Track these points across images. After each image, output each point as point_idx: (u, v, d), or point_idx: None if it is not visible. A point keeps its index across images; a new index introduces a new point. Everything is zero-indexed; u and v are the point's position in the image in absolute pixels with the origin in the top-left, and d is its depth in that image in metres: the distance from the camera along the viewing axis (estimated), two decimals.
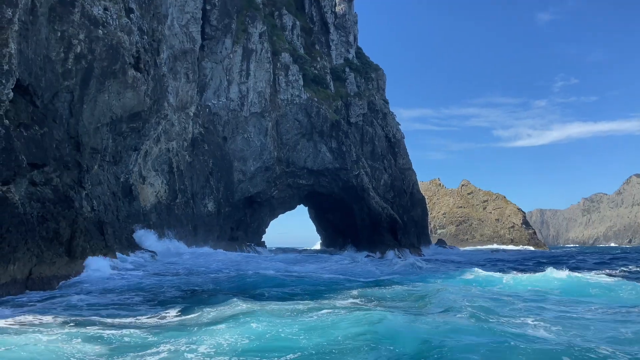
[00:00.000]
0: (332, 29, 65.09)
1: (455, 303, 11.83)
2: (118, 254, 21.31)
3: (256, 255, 33.11)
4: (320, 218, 70.78)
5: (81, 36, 20.50)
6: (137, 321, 10.70)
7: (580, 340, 8.52)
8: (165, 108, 32.32)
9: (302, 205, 67.42)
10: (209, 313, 11.08)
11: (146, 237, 27.83)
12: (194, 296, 14.39)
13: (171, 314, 11.54)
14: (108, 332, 9.20)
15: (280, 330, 9.02)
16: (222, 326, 9.46)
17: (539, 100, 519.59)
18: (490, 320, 10.15)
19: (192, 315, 11.12)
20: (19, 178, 15.90)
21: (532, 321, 10.31)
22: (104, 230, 21.68)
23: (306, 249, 73.50)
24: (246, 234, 54.72)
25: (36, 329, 9.32)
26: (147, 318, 11.11)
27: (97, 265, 17.30)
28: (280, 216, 63.71)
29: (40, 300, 12.88)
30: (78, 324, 9.99)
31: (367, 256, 41.92)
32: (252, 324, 9.37)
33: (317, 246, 78.61)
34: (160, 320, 10.85)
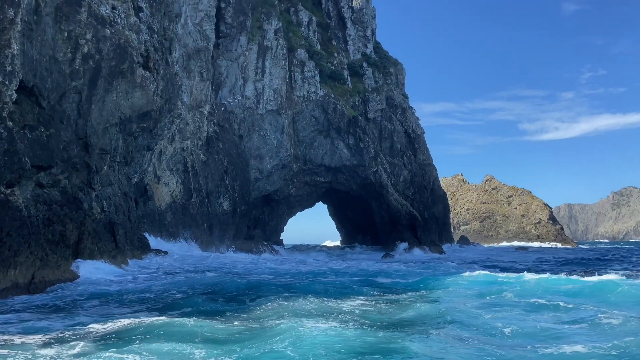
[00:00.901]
0: (349, 24, 64.22)
1: None
2: (129, 259, 21.16)
3: (266, 260, 32.56)
4: (339, 215, 70.21)
5: (88, 36, 20.32)
6: (39, 340, 9.12)
7: None
8: (179, 107, 32.14)
9: (321, 202, 67.02)
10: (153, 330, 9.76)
11: (159, 245, 27.59)
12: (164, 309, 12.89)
13: (93, 334, 9.53)
14: None
15: None
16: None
17: (566, 92, 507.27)
18: None
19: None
20: (24, 180, 15.75)
21: None
22: (115, 232, 21.54)
23: (326, 245, 73.21)
24: (264, 232, 54.51)
25: None
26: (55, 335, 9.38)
27: (90, 270, 16.78)
28: (302, 212, 63.34)
29: None
30: None
31: (385, 255, 41.13)
32: None
33: (338, 242, 78.16)
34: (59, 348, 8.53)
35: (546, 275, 19.41)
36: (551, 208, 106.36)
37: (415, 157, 64.63)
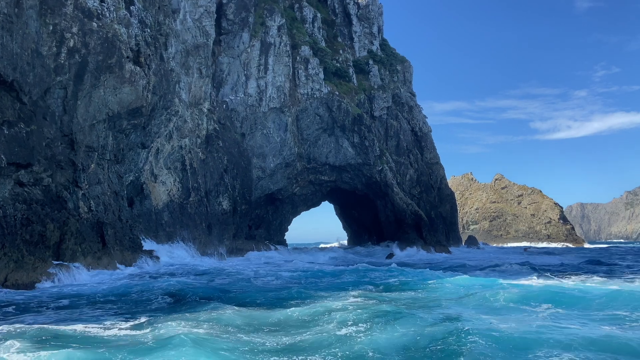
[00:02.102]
0: (354, 21, 63.23)
1: None
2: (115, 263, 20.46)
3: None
4: (345, 214, 69.27)
5: (74, 29, 19.65)
6: None
7: None
8: (176, 104, 31.47)
9: (327, 202, 66.17)
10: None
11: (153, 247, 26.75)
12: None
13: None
14: None
15: None
16: None
17: (579, 91, 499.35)
18: None
19: None
20: (1, 179, 15.07)
21: None
22: (103, 232, 20.87)
23: (331, 246, 72.25)
24: (268, 231, 53.80)
25: None
26: None
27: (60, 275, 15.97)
28: (313, 211, 62.59)
29: None
30: None
31: (390, 255, 40.18)
32: None
33: (344, 242, 77.23)
34: None
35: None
36: (562, 207, 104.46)
37: (422, 155, 63.50)
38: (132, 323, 10.51)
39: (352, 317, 10.93)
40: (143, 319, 10.86)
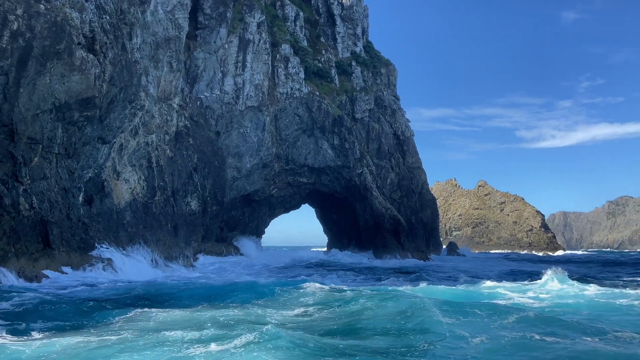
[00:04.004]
0: (338, 21, 62.15)
1: None
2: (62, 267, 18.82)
3: None
4: (325, 218, 68.01)
5: (19, 11, 18.11)
6: None
7: None
8: (142, 98, 29.90)
9: (308, 204, 64.88)
10: None
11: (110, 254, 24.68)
12: None
13: None
14: None
15: None
16: None
17: (564, 101, 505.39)
18: None
19: None
20: None
21: None
22: (48, 231, 19.28)
23: (317, 250, 70.99)
24: (244, 233, 52.28)
25: None
26: None
27: None
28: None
29: None
30: None
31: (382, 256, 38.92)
32: None
33: (325, 247, 75.92)
34: None
35: None
36: (544, 215, 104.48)
37: (403, 159, 62.55)
38: None
39: None
40: None
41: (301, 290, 16.49)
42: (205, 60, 43.55)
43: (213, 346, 8.45)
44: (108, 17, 22.92)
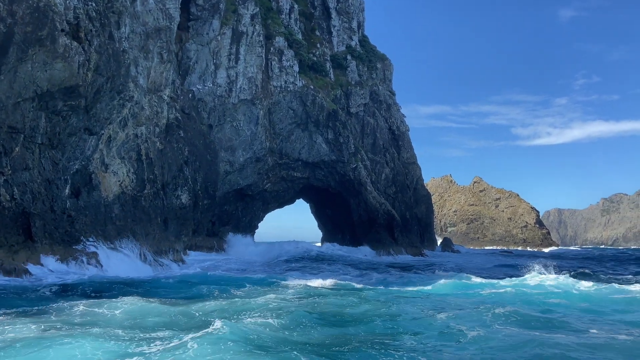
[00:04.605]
0: (333, 14, 61.57)
1: None
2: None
3: None
4: (319, 213, 67.51)
5: None
6: None
7: None
8: (131, 89, 29.25)
9: (302, 199, 64.40)
10: None
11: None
12: None
13: None
14: None
15: None
16: None
17: (560, 98, 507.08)
18: None
19: None
20: None
21: None
22: (30, 223, 18.73)
23: (318, 245, 70.43)
24: (237, 228, 51.72)
25: None
26: None
27: None
28: (287, 210, 61.07)
29: None
30: None
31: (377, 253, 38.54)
32: None
33: (319, 243, 75.40)
34: None
35: None
36: (538, 212, 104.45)
37: (398, 155, 62.14)
38: None
39: None
40: None
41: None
42: (198, 52, 42.89)
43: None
44: (94, 4, 22.28)
